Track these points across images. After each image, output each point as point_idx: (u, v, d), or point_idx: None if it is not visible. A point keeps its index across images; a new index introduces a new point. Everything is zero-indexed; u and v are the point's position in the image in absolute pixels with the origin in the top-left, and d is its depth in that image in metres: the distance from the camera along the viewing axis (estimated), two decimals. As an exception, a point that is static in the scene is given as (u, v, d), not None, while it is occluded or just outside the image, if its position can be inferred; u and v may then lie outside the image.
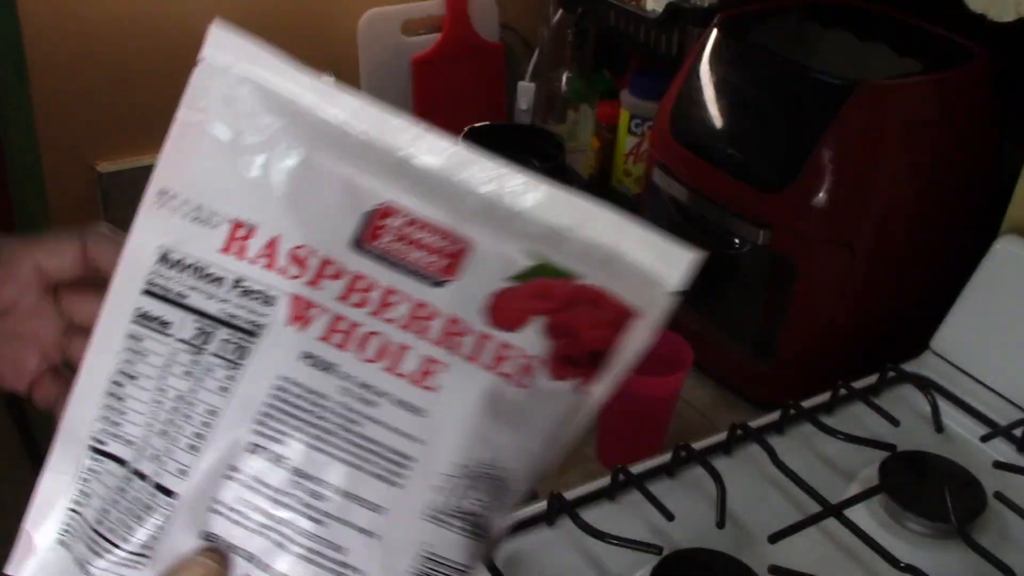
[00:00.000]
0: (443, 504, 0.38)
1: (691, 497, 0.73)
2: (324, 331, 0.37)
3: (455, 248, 0.38)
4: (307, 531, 0.37)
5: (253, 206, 0.38)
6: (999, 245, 0.87)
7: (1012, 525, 0.73)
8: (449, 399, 0.38)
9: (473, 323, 0.38)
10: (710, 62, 1.04)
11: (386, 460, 0.37)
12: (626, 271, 0.41)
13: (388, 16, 1.36)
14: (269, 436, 0.37)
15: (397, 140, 0.41)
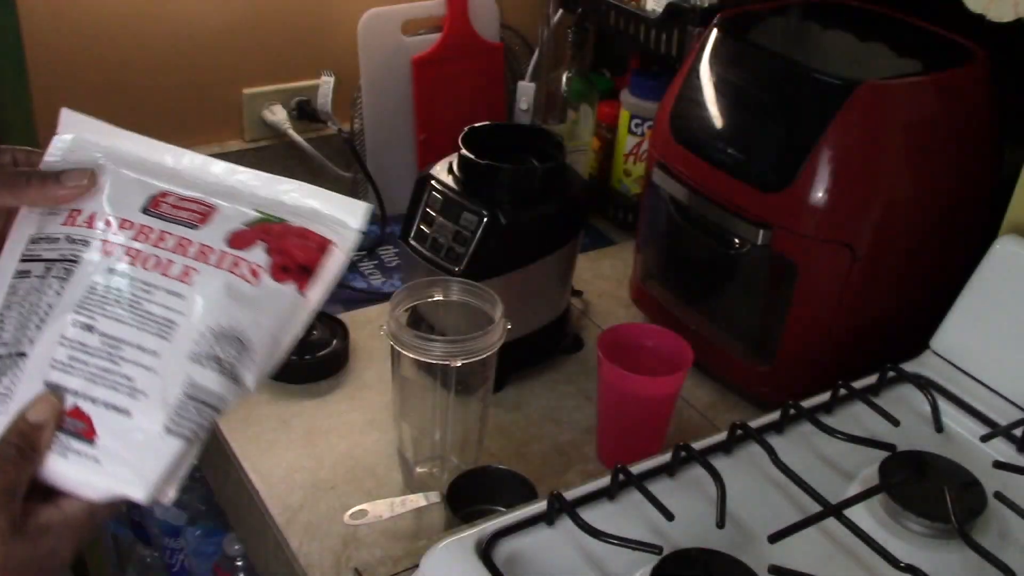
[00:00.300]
0: (200, 351, 0.59)
1: (691, 497, 0.73)
2: (120, 256, 0.61)
3: (206, 209, 0.63)
4: (111, 369, 0.58)
5: (84, 200, 0.63)
6: (999, 245, 0.87)
7: (1012, 525, 0.73)
8: (200, 287, 0.60)
9: (217, 246, 0.61)
10: (710, 62, 1.04)
11: (159, 324, 0.59)
12: (324, 219, 0.64)
13: (388, 16, 1.36)
14: (85, 315, 0.59)
15: (166, 158, 0.66)
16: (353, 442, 1.00)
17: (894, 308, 1.00)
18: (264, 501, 0.92)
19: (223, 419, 1.01)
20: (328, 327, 1.13)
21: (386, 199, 1.39)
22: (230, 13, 1.31)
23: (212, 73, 1.33)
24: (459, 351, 0.85)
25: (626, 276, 1.30)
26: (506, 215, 0.99)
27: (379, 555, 0.86)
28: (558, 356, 1.14)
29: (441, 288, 0.93)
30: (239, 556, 1.27)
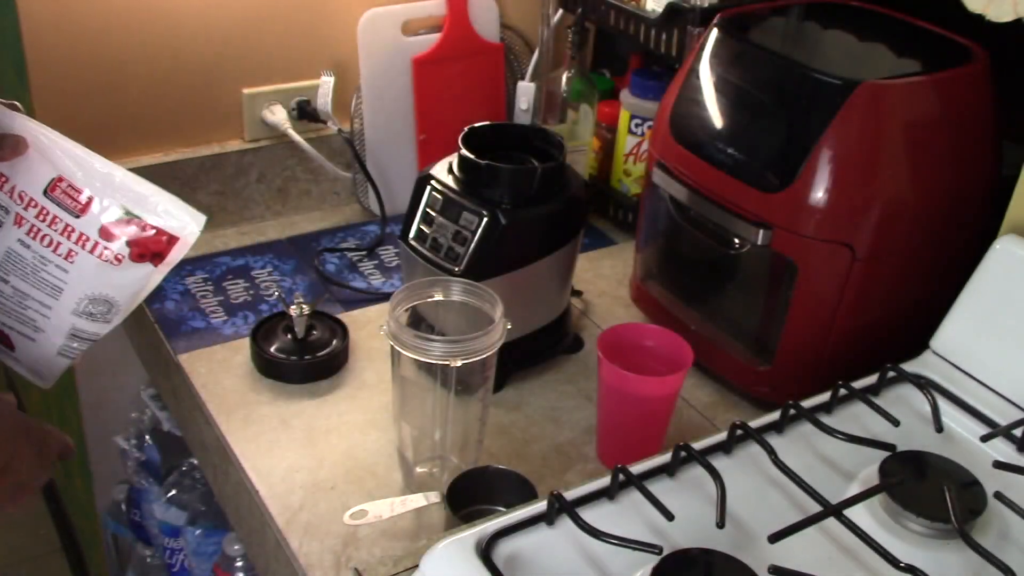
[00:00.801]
0: (79, 309, 0.85)
1: (691, 497, 0.73)
2: (27, 231, 0.83)
3: (86, 201, 0.83)
4: (19, 312, 0.85)
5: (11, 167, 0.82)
6: (999, 245, 0.87)
7: (1012, 525, 0.73)
8: (78, 266, 0.83)
9: (92, 236, 0.83)
10: (710, 62, 1.04)
11: (51, 288, 0.84)
12: (173, 220, 0.84)
13: (388, 16, 1.36)
14: (1, 273, 0.84)
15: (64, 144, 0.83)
16: (353, 442, 1.00)
17: (894, 308, 1.00)
18: (264, 501, 0.93)
19: (223, 419, 1.02)
20: (328, 327, 1.13)
21: (386, 199, 1.39)
22: (230, 13, 1.31)
23: (212, 73, 1.33)
24: (459, 351, 0.85)
25: (626, 276, 1.30)
26: (506, 215, 0.99)
27: (379, 555, 0.86)
28: (558, 356, 1.14)
29: (441, 288, 0.93)
30: (239, 556, 1.27)
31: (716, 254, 1.04)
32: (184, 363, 1.10)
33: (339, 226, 1.42)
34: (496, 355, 0.89)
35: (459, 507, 0.86)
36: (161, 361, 1.18)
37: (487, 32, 1.45)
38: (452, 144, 1.05)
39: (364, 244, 1.37)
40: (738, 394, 1.09)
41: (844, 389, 0.83)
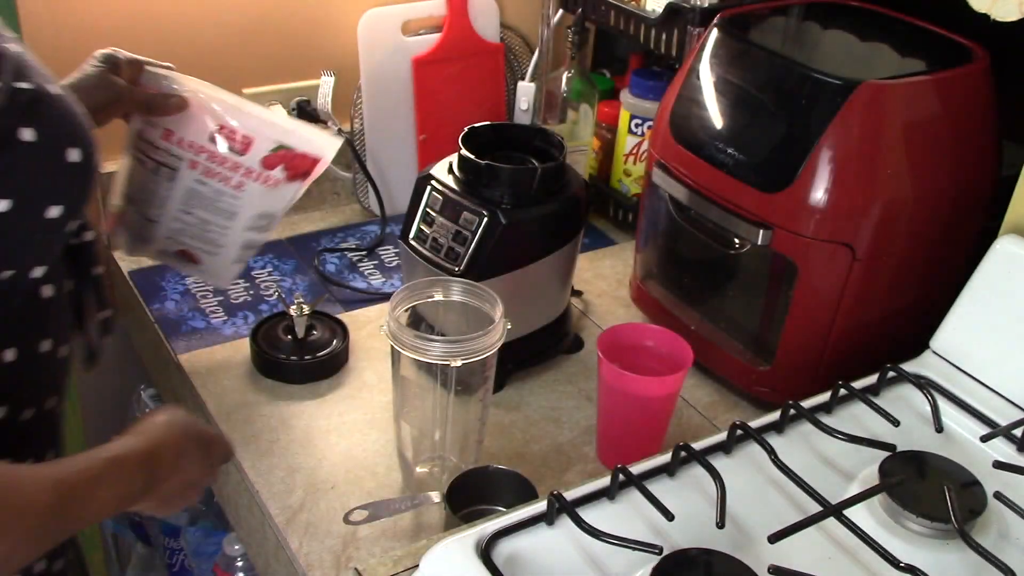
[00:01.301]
0: (249, 225, 1.02)
1: (691, 497, 0.73)
2: (202, 172, 0.98)
3: (247, 141, 0.97)
4: (203, 235, 1.02)
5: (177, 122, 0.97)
6: (999, 245, 0.87)
7: (1012, 525, 0.73)
8: (247, 193, 0.99)
9: (255, 168, 0.98)
10: (710, 62, 1.04)
11: (227, 213, 1.00)
12: (315, 145, 1.00)
13: (388, 16, 1.36)
14: (187, 208, 1.00)
15: (222, 95, 0.98)
16: (353, 442, 1.00)
17: (894, 308, 1.00)
18: (264, 501, 0.93)
19: (223, 419, 1.02)
20: (328, 327, 1.13)
21: (386, 199, 1.39)
22: (230, 13, 1.31)
23: (212, 73, 1.32)
24: (459, 351, 0.85)
25: (626, 276, 1.30)
26: (506, 215, 0.99)
27: (379, 555, 0.86)
28: (558, 356, 1.14)
29: (441, 288, 0.93)
30: (239, 556, 1.27)
31: (716, 254, 1.04)
32: (184, 363, 1.10)
33: (339, 226, 1.42)
34: (496, 355, 0.89)
35: (459, 507, 0.86)
36: (161, 361, 1.18)
37: (487, 32, 1.45)
38: (452, 144, 1.05)
39: (364, 244, 1.37)
40: (738, 394, 1.09)
41: (844, 389, 0.83)
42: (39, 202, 0.65)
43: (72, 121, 0.67)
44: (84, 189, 0.69)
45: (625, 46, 1.58)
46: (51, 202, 0.66)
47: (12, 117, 0.62)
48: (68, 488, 0.65)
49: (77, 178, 0.67)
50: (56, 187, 0.66)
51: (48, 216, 0.66)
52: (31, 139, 0.63)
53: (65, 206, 0.66)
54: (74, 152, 0.66)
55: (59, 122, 0.66)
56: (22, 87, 0.63)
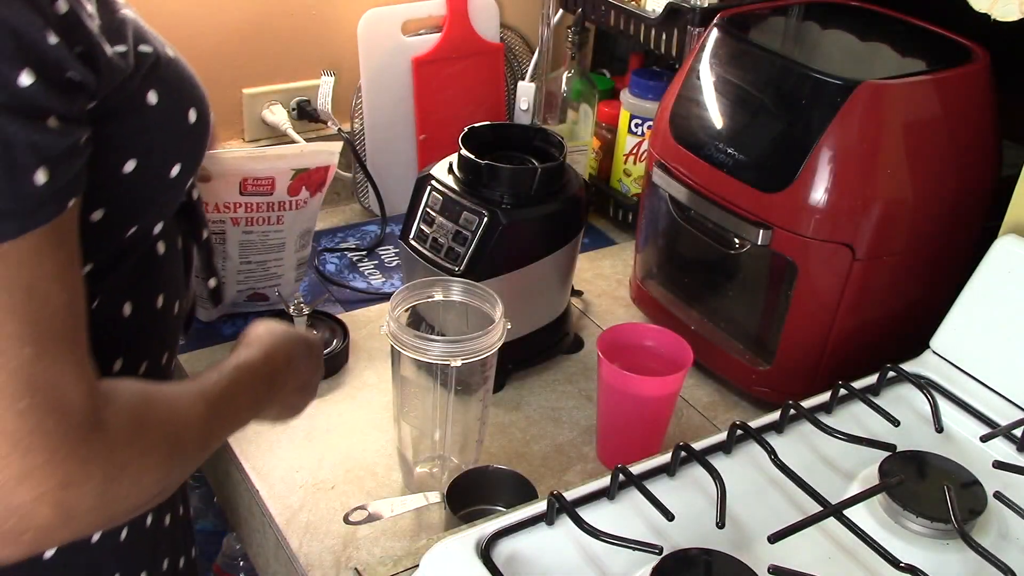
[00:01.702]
0: (296, 246, 1.16)
1: (691, 497, 0.73)
2: (244, 224, 1.10)
3: (269, 181, 1.08)
4: (264, 274, 1.15)
5: (207, 192, 1.06)
6: (999, 245, 0.87)
7: (1012, 525, 0.73)
8: (287, 223, 1.12)
9: (284, 198, 1.10)
10: (710, 62, 1.04)
11: (277, 246, 1.14)
12: (320, 156, 1.10)
13: (388, 16, 1.36)
14: (244, 258, 1.13)
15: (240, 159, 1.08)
16: (353, 442, 1.00)
17: (894, 308, 1.00)
18: (264, 501, 0.92)
19: (223, 419, 1.01)
20: (328, 327, 1.13)
21: (386, 199, 1.39)
22: (230, 13, 1.31)
23: (212, 73, 1.33)
24: (459, 351, 0.85)
25: (626, 276, 1.30)
26: (506, 215, 0.99)
27: (379, 555, 0.86)
28: (558, 356, 1.14)
29: (441, 288, 0.93)
30: (239, 556, 1.27)
31: (716, 254, 1.04)
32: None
33: (339, 226, 1.42)
34: (496, 355, 0.89)
35: (459, 507, 0.86)
36: (161, 361, 1.18)
37: (487, 32, 1.45)
38: (452, 144, 1.05)
39: (364, 244, 1.37)
40: (738, 394, 1.09)
41: (844, 389, 0.83)
42: (163, 161, 0.68)
43: (190, 83, 0.70)
44: (201, 148, 0.72)
45: (625, 46, 1.58)
46: (174, 161, 0.69)
47: (139, 80, 0.64)
48: (214, 399, 0.67)
49: (196, 137, 0.71)
50: (178, 147, 0.69)
51: (171, 175, 0.69)
52: (155, 102, 0.65)
53: (183, 164, 0.69)
54: (192, 113, 0.69)
55: (179, 84, 0.69)
56: (144, 51, 0.65)
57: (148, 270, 0.72)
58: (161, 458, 0.60)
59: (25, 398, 0.52)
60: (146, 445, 0.59)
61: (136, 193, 0.66)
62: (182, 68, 0.70)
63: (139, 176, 0.65)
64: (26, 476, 0.52)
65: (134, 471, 0.57)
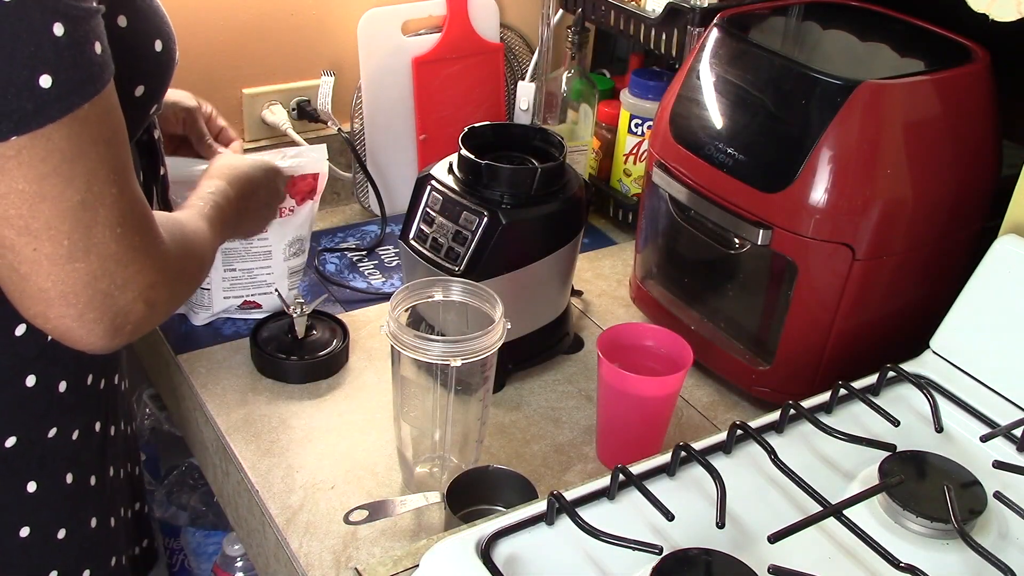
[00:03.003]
0: (285, 254, 1.14)
1: (691, 497, 0.73)
2: None
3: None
4: (253, 282, 1.14)
5: None
6: (999, 245, 0.87)
7: (1012, 525, 0.73)
8: (272, 230, 1.10)
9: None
10: (710, 62, 1.04)
11: (263, 254, 1.12)
12: (308, 164, 1.11)
13: (388, 16, 1.36)
14: (230, 266, 1.12)
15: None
16: (353, 442, 1.00)
17: (894, 308, 1.00)
18: (264, 501, 0.92)
19: (223, 419, 1.01)
20: (328, 327, 1.13)
21: (386, 199, 1.39)
22: (230, 13, 1.31)
23: (212, 73, 1.33)
24: (459, 351, 0.85)
25: (626, 276, 1.30)
26: (506, 215, 0.99)
27: (379, 555, 0.86)
28: (558, 356, 1.14)
29: (441, 288, 0.93)
30: (239, 556, 1.27)
31: (716, 254, 1.04)
32: (184, 363, 1.10)
33: (339, 226, 1.42)
34: (496, 355, 0.89)
35: (459, 507, 0.86)
36: (161, 361, 1.18)
37: (487, 32, 1.45)
38: (452, 144, 1.05)
39: (364, 244, 1.37)
40: (738, 394, 1.09)
41: (844, 389, 0.83)
42: (129, 80, 0.74)
43: (159, 17, 0.79)
44: (165, 77, 0.80)
45: (625, 46, 1.58)
46: (139, 81, 0.76)
47: (110, 3, 0.69)
48: (211, 223, 0.85)
49: (160, 65, 0.79)
50: (143, 69, 0.76)
51: (136, 94, 0.76)
52: (124, 25, 0.73)
53: (146, 86, 0.77)
54: (158, 43, 0.77)
55: (147, 15, 0.77)
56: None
57: None
58: (197, 266, 0.80)
59: (119, 225, 0.67)
60: (190, 256, 0.78)
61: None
62: (154, 3, 0.79)
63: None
64: (127, 282, 0.68)
65: (185, 274, 0.76)
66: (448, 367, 0.87)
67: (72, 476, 0.84)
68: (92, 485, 0.86)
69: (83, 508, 0.86)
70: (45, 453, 0.81)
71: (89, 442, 0.85)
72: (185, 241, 0.77)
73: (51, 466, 0.82)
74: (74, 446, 0.84)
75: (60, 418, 0.82)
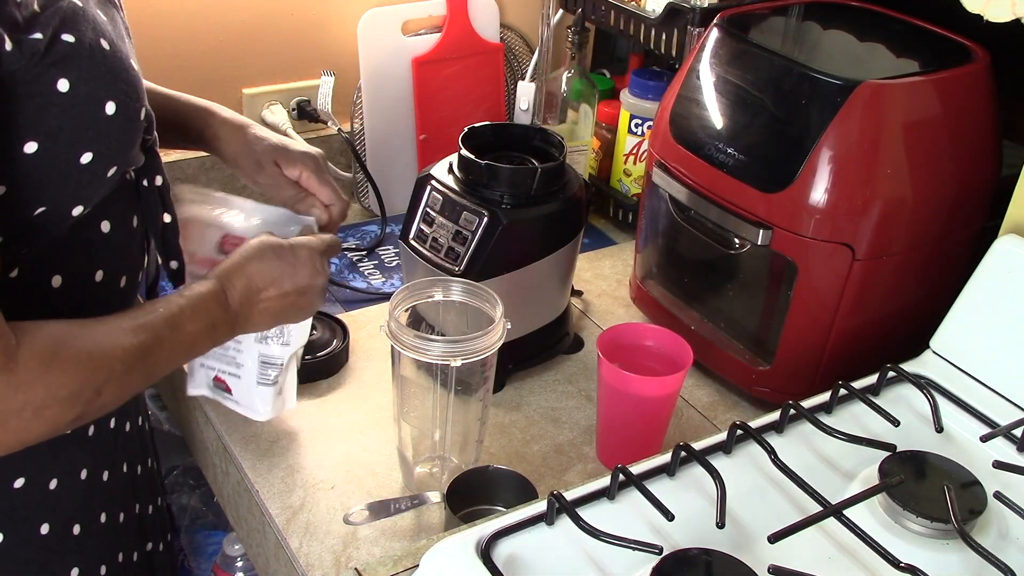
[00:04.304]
0: (258, 336, 0.93)
1: (691, 497, 0.73)
2: None
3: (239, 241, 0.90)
4: (228, 359, 0.96)
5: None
6: (999, 245, 0.87)
7: (1012, 525, 0.73)
8: None
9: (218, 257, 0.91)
10: (710, 62, 1.04)
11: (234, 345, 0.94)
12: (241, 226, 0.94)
13: (388, 16, 1.36)
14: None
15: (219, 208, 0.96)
16: (353, 442, 1.00)
17: (894, 308, 1.00)
18: (264, 501, 0.92)
19: (223, 419, 1.01)
20: (328, 327, 1.13)
21: (386, 199, 1.39)
22: (230, 13, 1.31)
23: (212, 73, 1.33)
24: (459, 351, 0.85)
25: (626, 276, 1.30)
26: (506, 215, 0.99)
27: (379, 555, 0.86)
28: (558, 356, 1.14)
29: (441, 288, 0.93)
30: (239, 556, 1.27)
31: (716, 254, 1.04)
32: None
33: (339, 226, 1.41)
34: (496, 355, 0.89)
35: (459, 507, 0.86)
36: (161, 361, 1.18)
37: (487, 32, 1.45)
38: (452, 144, 1.05)
39: (364, 244, 1.37)
40: (738, 394, 1.09)
41: (844, 389, 0.83)
42: (71, 147, 0.69)
43: (118, 76, 0.71)
44: (122, 140, 0.73)
45: (625, 46, 1.58)
46: (84, 148, 0.70)
47: (48, 67, 0.66)
48: (148, 326, 0.72)
49: (113, 129, 0.72)
50: (88, 135, 0.70)
51: (81, 162, 0.70)
52: (65, 89, 0.67)
53: (95, 152, 0.70)
54: (111, 105, 0.70)
55: (100, 75, 0.70)
56: (66, 40, 0.67)
57: (84, 247, 0.76)
58: (73, 396, 0.67)
59: None
60: (56, 382, 0.65)
61: (39, 175, 0.68)
62: (114, 61, 0.71)
63: (41, 159, 0.68)
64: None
65: (40, 406, 0.65)
66: (448, 367, 0.87)
67: (86, 472, 0.84)
68: (105, 481, 0.86)
69: (98, 503, 0.86)
70: (60, 451, 0.80)
71: (104, 437, 0.85)
72: (60, 365, 0.66)
73: (66, 463, 0.81)
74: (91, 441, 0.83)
75: None
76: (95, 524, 0.86)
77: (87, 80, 0.69)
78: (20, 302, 0.68)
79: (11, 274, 0.71)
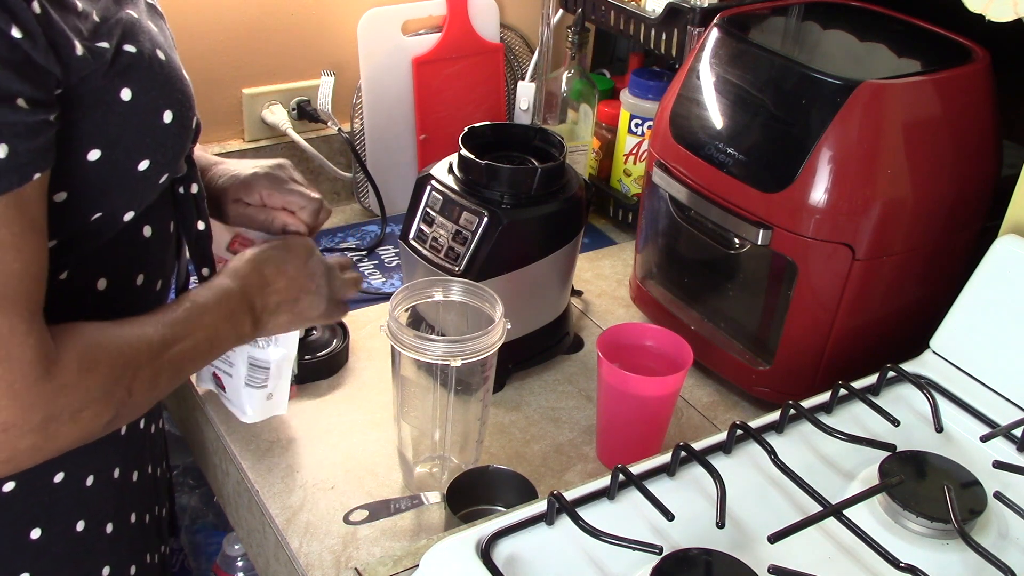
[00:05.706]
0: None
1: (691, 497, 0.73)
2: None
3: (249, 243, 0.93)
4: (223, 357, 0.94)
5: None
6: (999, 245, 0.87)
7: (1012, 525, 0.73)
8: None
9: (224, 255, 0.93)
10: (710, 62, 1.04)
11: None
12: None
13: (388, 16, 1.36)
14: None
15: None
16: (353, 442, 1.00)
17: (894, 308, 1.00)
18: (264, 501, 0.93)
19: (223, 419, 1.01)
20: (328, 327, 1.13)
21: (386, 199, 1.39)
22: (230, 13, 1.31)
23: (212, 73, 1.33)
24: (459, 351, 0.85)
25: (626, 276, 1.30)
26: (506, 215, 0.99)
27: (379, 555, 0.86)
28: (558, 356, 1.14)
29: (441, 288, 0.93)
30: (239, 556, 1.27)
31: (716, 254, 1.04)
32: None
33: (339, 226, 1.42)
34: (496, 355, 0.89)
35: (459, 507, 0.86)
36: (161, 361, 1.18)
37: (487, 32, 1.45)
38: (452, 144, 1.05)
39: (364, 244, 1.37)
40: (738, 394, 1.09)
41: (844, 389, 0.83)
42: (129, 155, 0.71)
43: (174, 86, 0.74)
44: (177, 148, 0.76)
45: (625, 46, 1.58)
46: (142, 156, 0.72)
47: (113, 77, 0.68)
48: (171, 323, 0.74)
49: (170, 137, 0.74)
50: (147, 143, 0.72)
51: (139, 169, 0.72)
52: (127, 98, 0.69)
53: (152, 160, 0.73)
54: (168, 114, 0.73)
55: (159, 85, 0.73)
56: (128, 50, 0.70)
57: (128, 251, 0.77)
58: (107, 396, 0.67)
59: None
60: (92, 386, 0.66)
61: (100, 182, 0.70)
62: (170, 71, 0.74)
63: (103, 166, 0.69)
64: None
65: (77, 409, 0.65)
66: (448, 367, 0.87)
67: (118, 471, 0.84)
68: (134, 481, 0.86)
69: (128, 503, 0.86)
70: (96, 448, 0.79)
71: (134, 438, 0.86)
72: (96, 370, 0.67)
73: (100, 460, 0.82)
74: (123, 440, 0.84)
75: None
76: (126, 524, 0.86)
77: (147, 90, 0.71)
78: (65, 304, 0.69)
79: (60, 276, 0.73)
